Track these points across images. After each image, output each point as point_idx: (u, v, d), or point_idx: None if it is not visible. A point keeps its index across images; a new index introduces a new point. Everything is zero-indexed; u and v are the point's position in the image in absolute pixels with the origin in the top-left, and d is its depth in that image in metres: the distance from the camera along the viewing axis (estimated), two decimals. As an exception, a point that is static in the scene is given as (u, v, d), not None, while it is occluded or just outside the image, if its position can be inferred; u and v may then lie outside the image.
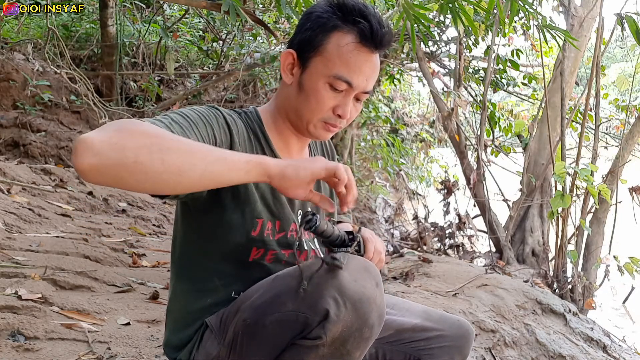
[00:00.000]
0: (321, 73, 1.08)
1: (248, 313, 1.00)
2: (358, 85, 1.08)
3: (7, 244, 2.35)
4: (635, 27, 2.56)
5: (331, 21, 1.08)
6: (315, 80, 1.08)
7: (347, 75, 1.07)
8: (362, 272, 0.96)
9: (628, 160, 3.95)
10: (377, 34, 1.07)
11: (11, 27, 5.94)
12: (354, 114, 1.14)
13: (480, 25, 4.23)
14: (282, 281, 1.00)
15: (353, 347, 0.94)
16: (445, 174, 5.38)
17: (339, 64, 1.07)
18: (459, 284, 2.74)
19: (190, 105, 6.02)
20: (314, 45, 1.08)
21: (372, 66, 1.09)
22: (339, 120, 1.11)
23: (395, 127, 8.04)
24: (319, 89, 1.08)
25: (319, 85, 1.08)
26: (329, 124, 1.12)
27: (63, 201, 3.51)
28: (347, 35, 1.07)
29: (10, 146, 4.82)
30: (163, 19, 6.28)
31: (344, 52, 1.06)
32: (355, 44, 1.06)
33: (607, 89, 6.78)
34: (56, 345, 1.54)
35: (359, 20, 1.06)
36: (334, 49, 1.07)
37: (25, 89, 5.00)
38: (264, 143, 1.14)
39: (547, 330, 2.50)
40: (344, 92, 1.09)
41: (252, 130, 1.13)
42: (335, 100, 1.09)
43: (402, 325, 1.21)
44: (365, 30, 1.06)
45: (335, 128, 1.13)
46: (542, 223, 4.38)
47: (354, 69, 1.07)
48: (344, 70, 1.07)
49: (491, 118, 4.94)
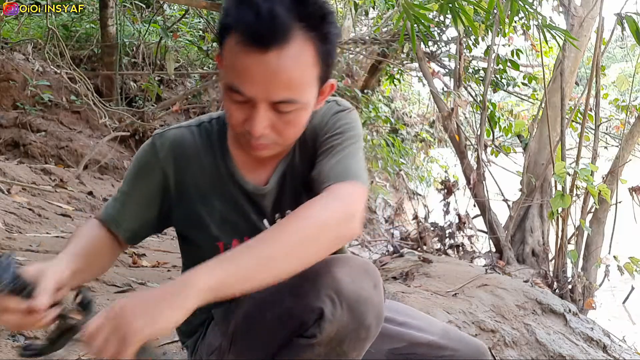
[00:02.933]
0: (224, 82, 0.93)
1: (247, 307, 1.00)
2: (255, 95, 0.89)
3: (7, 244, 2.35)
4: (635, 27, 2.56)
5: (224, 18, 0.91)
6: (222, 90, 0.95)
7: (237, 84, 0.89)
8: (361, 272, 0.94)
9: (628, 160, 3.95)
10: (255, 27, 0.84)
11: (11, 27, 5.94)
12: (284, 127, 0.93)
13: (480, 25, 4.23)
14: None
15: (349, 347, 0.93)
16: (445, 174, 5.38)
17: (229, 71, 0.90)
18: (459, 284, 2.74)
19: (190, 105, 6.04)
20: (221, 48, 0.93)
21: (266, 69, 0.86)
22: (253, 137, 0.93)
23: (395, 127, 8.04)
24: (225, 100, 0.94)
25: (225, 95, 0.94)
26: (250, 142, 0.95)
27: (63, 201, 3.51)
28: (234, 34, 0.88)
29: (10, 146, 4.82)
30: (163, 19, 6.29)
31: (231, 56, 0.89)
32: (239, 44, 0.86)
33: (607, 89, 6.77)
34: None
35: (240, 14, 0.86)
36: (227, 53, 0.90)
37: (25, 89, 5.00)
38: (219, 160, 1.06)
39: (547, 330, 2.50)
40: (249, 104, 0.90)
41: (210, 146, 1.06)
42: (244, 112, 0.92)
43: (417, 339, 1.17)
44: (242, 25, 0.86)
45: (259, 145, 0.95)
46: (542, 223, 4.38)
47: (241, 75, 0.88)
48: (233, 78, 0.89)
49: (491, 118, 4.94)
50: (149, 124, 5.45)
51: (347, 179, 0.96)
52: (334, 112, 1.07)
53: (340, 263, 0.94)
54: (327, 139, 1.04)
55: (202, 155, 1.06)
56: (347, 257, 0.98)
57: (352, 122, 1.07)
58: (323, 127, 1.05)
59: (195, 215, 1.07)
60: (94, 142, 5.10)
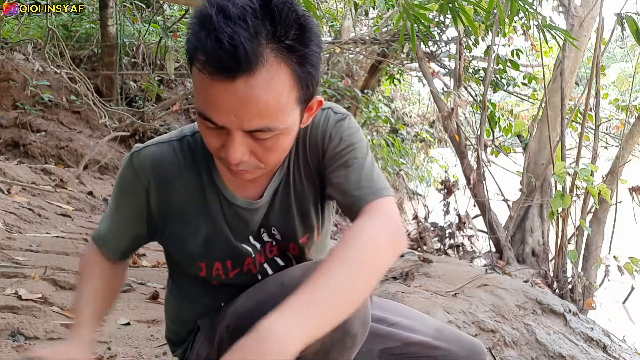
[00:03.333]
0: (196, 107, 0.84)
1: (231, 320, 0.97)
2: (228, 125, 0.80)
3: (7, 244, 2.35)
4: (635, 27, 2.56)
5: (188, 37, 0.80)
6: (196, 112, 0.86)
7: (206, 113, 0.81)
8: None
9: (628, 160, 3.95)
10: (218, 55, 0.75)
11: (11, 27, 5.94)
12: (264, 153, 0.86)
13: (480, 25, 4.23)
14: (263, 290, 0.96)
15: (336, 356, 0.90)
16: (445, 174, 5.38)
17: (198, 99, 0.81)
18: (459, 284, 2.74)
19: (190, 105, 6.03)
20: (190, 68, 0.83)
21: (233, 99, 0.77)
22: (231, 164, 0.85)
23: (395, 127, 8.04)
24: (199, 126, 0.86)
25: (198, 120, 0.86)
26: (230, 168, 0.88)
27: (63, 201, 3.51)
28: (198, 60, 0.78)
29: (10, 146, 4.82)
30: (163, 19, 6.29)
31: (197, 83, 0.80)
32: (205, 71, 0.77)
33: (607, 89, 6.78)
34: (56, 345, 1.54)
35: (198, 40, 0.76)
36: (194, 77, 0.81)
37: (25, 89, 5.00)
38: (205, 176, 0.99)
39: (547, 330, 2.50)
40: (224, 131, 0.82)
41: (194, 162, 0.99)
42: (219, 139, 0.84)
43: (409, 339, 1.14)
44: (202, 52, 0.76)
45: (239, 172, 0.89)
46: (542, 223, 4.39)
47: (209, 105, 0.79)
48: (202, 105, 0.81)
49: (491, 118, 4.94)
50: (149, 124, 5.45)
51: (379, 195, 0.95)
52: (335, 122, 1.00)
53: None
54: (337, 153, 0.99)
55: (184, 172, 0.99)
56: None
57: (356, 130, 1.02)
58: (326, 139, 1.00)
59: (178, 235, 1.03)
60: (94, 142, 5.10)
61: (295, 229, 1.06)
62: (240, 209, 1.01)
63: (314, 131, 1.00)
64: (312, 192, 1.06)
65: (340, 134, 0.99)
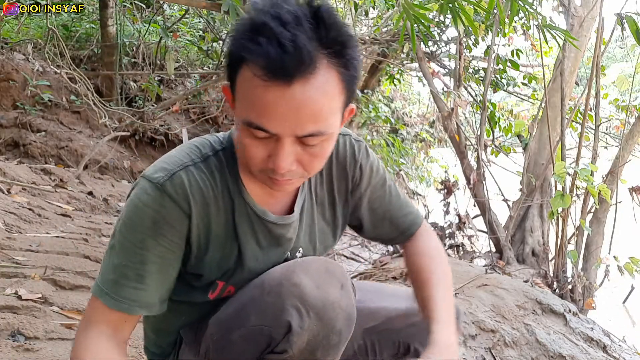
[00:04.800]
0: (239, 118, 0.84)
1: (214, 328, 0.96)
2: (281, 132, 0.80)
3: (7, 244, 2.35)
4: (635, 27, 2.56)
5: (236, 49, 0.80)
6: (238, 125, 0.85)
7: (258, 122, 0.80)
8: (324, 274, 0.90)
9: (628, 160, 3.94)
10: (278, 59, 0.75)
11: (11, 27, 5.94)
12: (310, 160, 0.86)
13: (480, 25, 4.23)
14: (245, 294, 0.95)
15: (323, 354, 0.91)
16: (445, 174, 5.38)
17: (246, 108, 0.81)
18: (459, 284, 2.74)
19: (190, 105, 6.02)
20: (231, 80, 0.84)
21: (291, 103, 0.78)
22: (278, 174, 0.85)
23: (395, 127, 8.04)
24: (243, 137, 0.84)
25: (241, 132, 0.84)
26: (273, 179, 0.87)
27: (63, 201, 3.51)
28: (249, 68, 0.78)
29: (10, 146, 4.82)
30: (163, 19, 6.29)
31: (247, 91, 0.80)
32: (257, 78, 0.77)
33: (607, 89, 6.77)
34: (56, 345, 1.54)
35: (254, 46, 0.77)
36: (241, 85, 0.81)
37: (25, 89, 5.00)
38: (235, 195, 0.96)
39: (547, 330, 2.50)
40: (273, 139, 0.82)
41: (222, 182, 0.95)
42: (266, 149, 0.84)
43: (392, 311, 1.15)
44: (261, 57, 0.77)
45: (283, 182, 0.88)
46: (542, 223, 4.38)
47: (263, 112, 0.79)
48: (252, 115, 0.80)
49: (491, 118, 4.94)
50: (149, 124, 5.45)
51: (420, 219, 1.19)
52: (362, 151, 1.07)
53: (300, 268, 0.90)
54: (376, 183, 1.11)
55: (218, 195, 0.94)
56: (306, 260, 0.94)
57: (375, 157, 1.13)
58: (357, 169, 1.07)
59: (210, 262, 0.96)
60: (94, 142, 5.10)
61: (315, 250, 1.09)
62: (273, 224, 0.99)
63: (341, 157, 1.05)
64: (332, 216, 1.10)
65: (370, 164, 1.09)
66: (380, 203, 1.13)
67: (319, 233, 1.09)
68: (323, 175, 1.06)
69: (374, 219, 1.14)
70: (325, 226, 1.10)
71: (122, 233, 0.90)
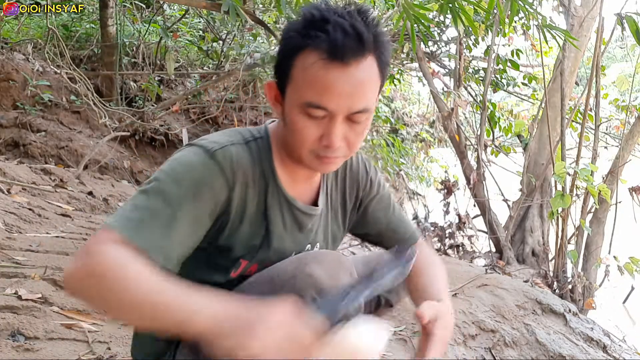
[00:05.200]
0: (294, 103, 0.95)
1: None
2: (338, 109, 0.93)
3: (7, 244, 2.35)
4: (635, 27, 2.56)
5: (294, 41, 0.94)
6: (291, 111, 0.96)
7: (318, 100, 0.92)
8: (336, 265, 0.98)
9: (628, 160, 3.95)
10: (341, 42, 0.90)
11: (11, 27, 5.94)
12: (355, 138, 0.99)
13: (480, 25, 4.23)
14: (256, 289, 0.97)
15: None
16: (445, 174, 5.38)
17: (306, 89, 0.93)
18: (459, 284, 2.74)
19: (190, 105, 6.03)
20: (285, 71, 0.96)
21: (349, 82, 0.91)
22: (330, 150, 0.97)
23: (395, 127, 8.04)
24: (296, 120, 0.95)
25: (295, 116, 0.96)
26: (322, 157, 0.98)
27: (63, 201, 3.51)
28: (311, 53, 0.92)
29: (10, 146, 4.82)
30: (163, 19, 6.29)
31: (309, 74, 0.92)
32: (320, 61, 0.91)
33: (607, 89, 6.77)
34: (56, 345, 1.54)
35: (318, 35, 0.91)
36: (299, 72, 0.93)
37: (25, 89, 5.00)
38: (270, 180, 1.05)
39: (547, 330, 2.50)
40: (326, 119, 0.95)
41: (259, 165, 1.04)
42: (319, 129, 0.96)
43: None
44: (325, 42, 0.90)
45: (331, 159, 0.99)
46: (542, 223, 4.39)
47: (323, 91, 0.91)
48: (313, 95, 0.92)
49: (491, 118, 4.94)
50: (149, 124, 5.45)
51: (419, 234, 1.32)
52: (372, 168, 1.25)
53: (314, 261, 0.97)
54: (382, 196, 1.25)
55: (257, 175, 1.03)
56: (317, 253, 1.02)
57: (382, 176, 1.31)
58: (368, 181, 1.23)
59: (241, 236, 1.02)
60: (94, 142, 5.10)
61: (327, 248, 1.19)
62: (299, 212, 1.09)
63: (355, 168, 1.21)
64: (342, 220, 1.22)
65: (379, 179, 1.25)
66: (385, 213, 1.26)
67: (331, 233, 1.20)
68: (338, 182, 1.19)
69: (378, 228, 1.26)
70: (336, 229, 1.21)
71: (162, 182, 0.92)
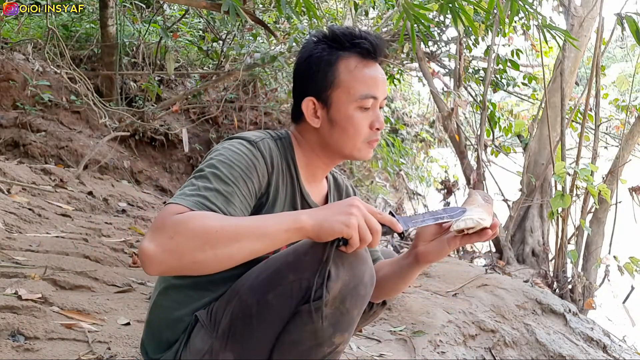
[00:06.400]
0: (347, 101, 1.19)
1: (246, 295, 1.06)
2: (381, 95, 1.21)
3: (7, 244, 2.35)
4: (635, 27, 2.56)
5: (332, 54, 1.20)
6: (344, 110, 1.19)
7: (370, 91, 1.19)
8: None
9: (628, 160, 3.95)
10: (375, 46, 1.20)
11: (11, 27, 5.93)
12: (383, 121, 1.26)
13: (480, 25, 4.23)
14: (276, 261, 1.06)
15: (351, 304, 1.03)
16: (445, 174, 5.38)
17: (358, 86, 1.18)
18: (459, 284, 2.74)
19: (190, 105, 6.03)
20: (329, 82, 1.19)
21: (382, 74, 1.22)
22: (378, 133, 1.23)
23: (395, 127, 8.04)
24: (351, 115, 1.19)
25: (350, 112, 1.19)
26: (372, 142, 1.24)
27: (63, 201, 3.51)
28: (351, 59, 1.19)
29: (10, 146, 4.81)
30: (163, 19, 6.28)
31: (357, 73, 1.18)
32: (361, 62, 1.19)
33: (607, 89, 6.77)
34: (56, 345, 1.54)
35: (357, 42, 1.18)
36: (346, 75, 1.19)
37: (25, 89, 4.99)
38: (294, 174, 1.24)
39: (547, 330, 2.50)
40: (370, 109, 1.20)
41: (285, 159, 1.22)
42: (368, 118, 1.21)
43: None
44: (365, 47, 1.18)
45: (375, 142, 1.25)
46: (542, 223, 4.39)
47: (372, 83, 1.19)
48: (365, 88, 1.18)
49: (491, 118, 4.94)
50: (149, 124, 5.44)
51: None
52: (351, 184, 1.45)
53: None
54: None
55: (284, 166, 1.21)
56: None
57: None
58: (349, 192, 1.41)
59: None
60: (94, 142, 5.10)
61: None
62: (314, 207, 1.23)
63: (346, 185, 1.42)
64: None
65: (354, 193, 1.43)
66: None
67: None
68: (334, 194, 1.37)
69: None
70: None
71: (216, 166, 1.06)
